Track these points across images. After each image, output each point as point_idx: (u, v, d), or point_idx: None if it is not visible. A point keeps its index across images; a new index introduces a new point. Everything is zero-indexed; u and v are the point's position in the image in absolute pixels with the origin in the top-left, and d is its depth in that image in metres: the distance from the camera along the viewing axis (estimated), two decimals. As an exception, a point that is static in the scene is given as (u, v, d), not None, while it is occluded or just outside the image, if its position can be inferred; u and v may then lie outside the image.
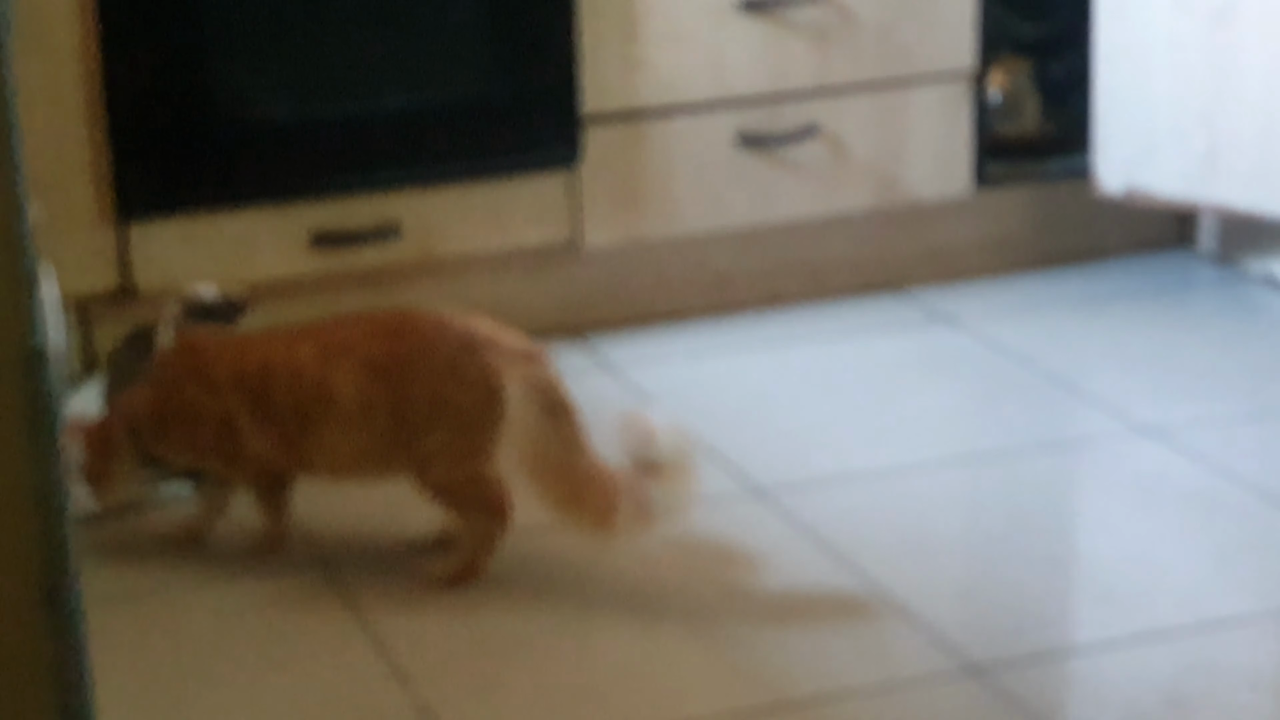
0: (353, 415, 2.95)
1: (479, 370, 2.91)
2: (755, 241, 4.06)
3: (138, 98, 3.56)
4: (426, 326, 2.97)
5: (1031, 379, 3.73)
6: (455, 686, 2.74)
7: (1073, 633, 2.90)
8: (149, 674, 2.80)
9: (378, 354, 2.95)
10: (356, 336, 2.98)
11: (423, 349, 2.94)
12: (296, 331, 3.06)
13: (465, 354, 2.92)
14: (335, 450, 2.98)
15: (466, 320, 2.98)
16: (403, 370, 2.94)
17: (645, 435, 2.89)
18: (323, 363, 2.96)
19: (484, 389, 2.91)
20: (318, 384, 2.95)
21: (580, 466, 2.91)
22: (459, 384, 2.92)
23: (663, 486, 2.88)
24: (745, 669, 2.77)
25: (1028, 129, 4.22)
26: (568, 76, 3.77)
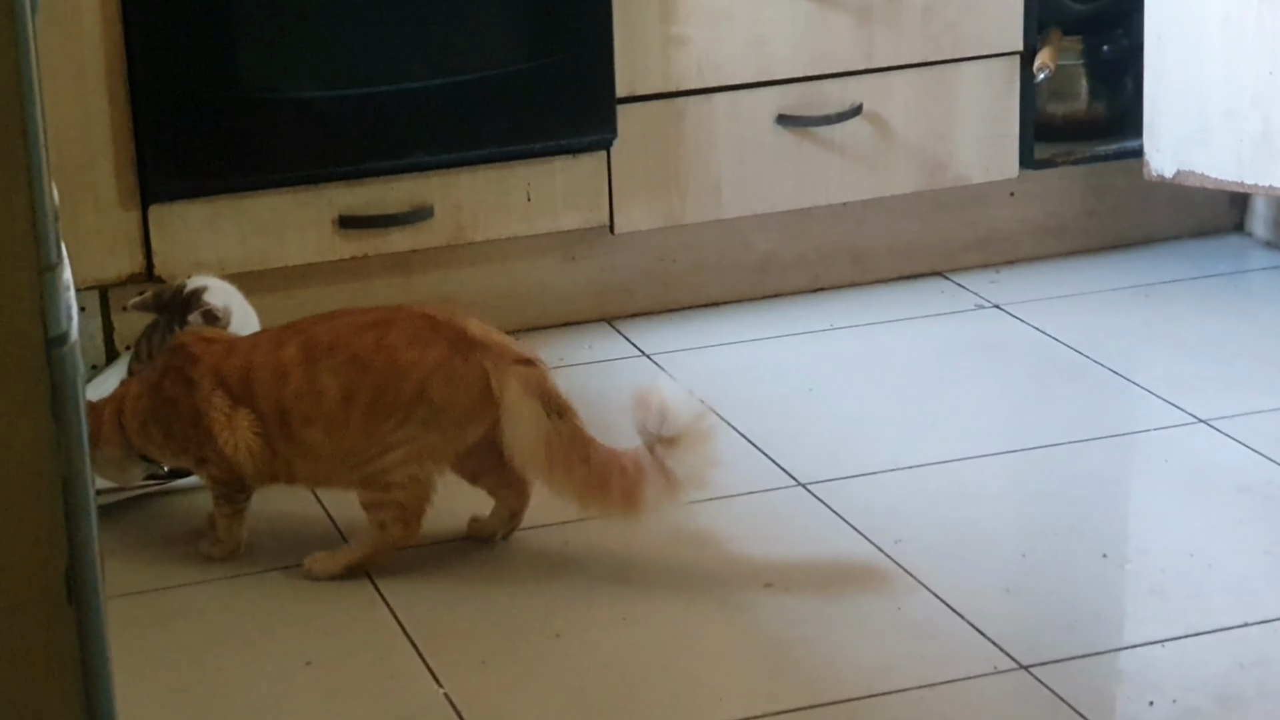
0: (336, 414, 2.94)
1: (470, 372, 2.91)
2: (797, 225, 4.01)
3: (161, 79, 3.53)
4: (415, 324, 2.95)
5: (1081, 368, 3.68)
6: (489, 680, 2.72)
7: (1123, 629, 2.86)
8: (179, 668, 2.79)
9: (364, 349, 2.94)
10: (341, 333, 2.97)
11: (414, 343, 2.93)
12: (284, 331, 3.04)
13: (458, 354, 2.92)
14: (318, 452, 2.96)
15: (458, 319, 2.97)
16: (390, 364, 2.92)
17: (660, 409, 2.87)
18: (309, 362, 2.95)
19: (475, 391, 2.91)
20: (305, 383, 2.94)
21: (595, 454, 2.91)
22: (447, 383, 2.91)
23: (682, 457, 2.87)
24: (786, 666, 2.74)
25: (1077, 110, 4.18)
26: (604, 56, 3.74)
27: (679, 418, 2.86)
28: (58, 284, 1.52)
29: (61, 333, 1.52)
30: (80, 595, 1.56)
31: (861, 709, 2.62)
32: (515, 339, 3.01)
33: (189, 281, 3.25)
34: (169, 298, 3.22)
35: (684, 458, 2.86)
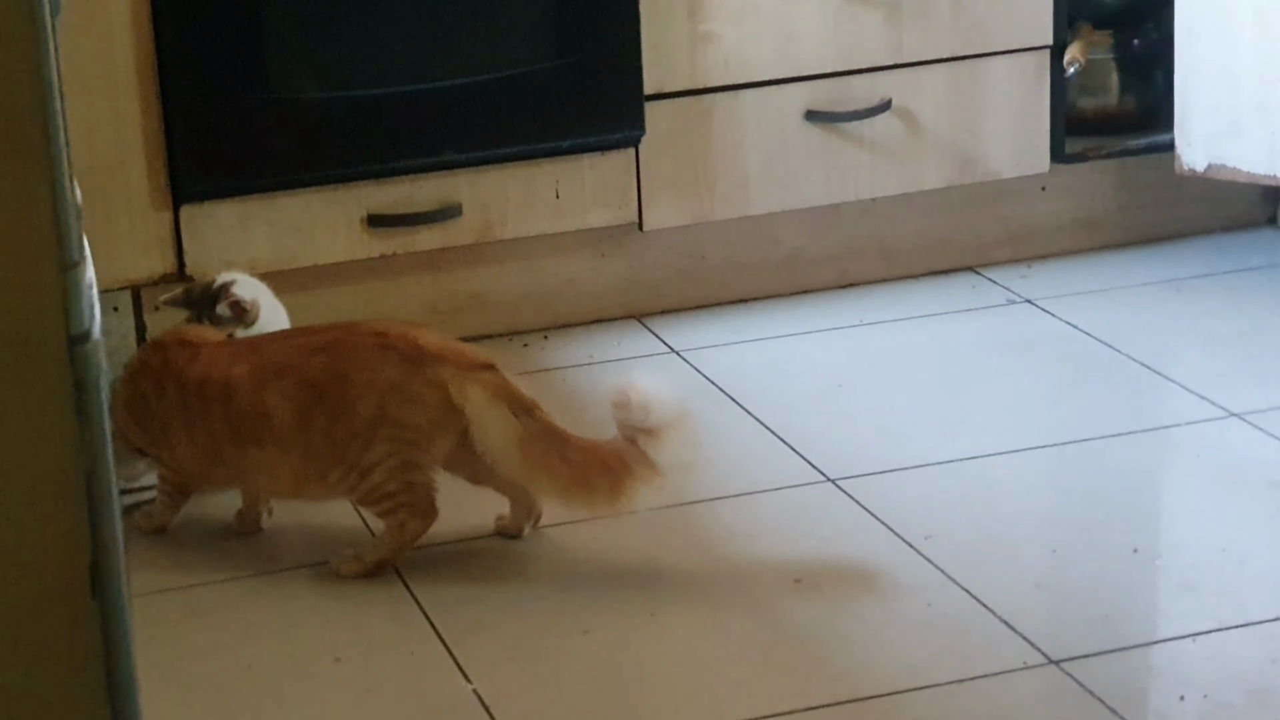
0: (288, 436, 2.95)
1: (427, 385, 2.91)
2: (826, 221, 4.00)
3: (192, 81, 3.54)
4: (367, 344, 2.96)
5: (1112, 362, 3.66)
6: (518, 676, 2.72)
7: (1154, 624, 2.85)
8: (209, 664, 2.79)
9: (314, 373, 2.94)
10: (293, 355, 2.98)
11: (364, 365, 2.94)
12: (243, 347, 3.06)
13: (411, 371, 2.92)
14: (273, 470, 2.98)
15: (412, 333, 2.98)
16: (338, 387, 2.93)
17: (641, 405, 2.87)
18: (258, 384, 2.96)
19: (435, 404, 2.91)
20: (252, 403, 2.95)
21: (573, 451, 2.90)
22: (405, 401, 2.92)
23: (664, 446, 2.87)
24: (816, 662, 2.73)
25: (1108, 104, 4.16)
26: (632, 53, 3.73)
27: (661, 410, 2.86)
28: (80, 282, 1.52)
29: (84, 330, 1.53)
30: (104, 590, 1.57)
31: (891, 705, 2.61)
32: (470, 346, 3.01)
33: (219, 277, 3.26)
34: (199, 294, 3.23)
35: (667, 445, 2.86)
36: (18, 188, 1.47)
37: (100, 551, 1.57)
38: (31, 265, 1.49)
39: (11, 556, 1.53)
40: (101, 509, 1.57)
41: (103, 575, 1.57)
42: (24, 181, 1.48)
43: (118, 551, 1.58)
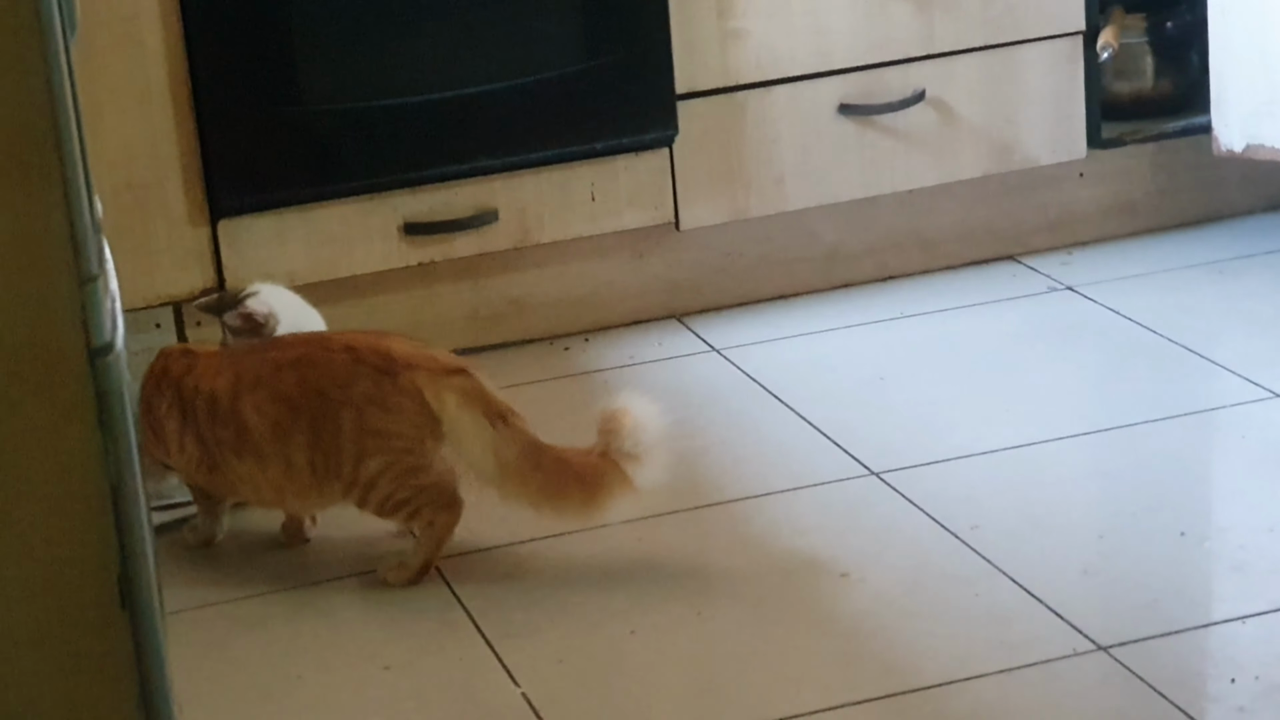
0: (266, 449, 2.96)
1: (401, 394, 2.92)
2: (864, 214, 3.99)
3: (225, 95, 3.55)
4: (338, 356, 2.96)
5: (1155, 346, 3.65)
6: (567, 679, 2.72)
7: (1203, 607, 2.84)
8: (259, 676, 2.80)
9: (286, 387, 2.96)
10: (266, 368, 2.99)
11: (336, 381, 2.94)
12: (226, 358, 3.08)
13: (386, 380, 2.93)
14: (254, 481, 3.00)
15: (382, 343, 2.98)
16: (315, 403, 2.94)
17: (633, 433, 2.88)
18: (234, 395, 2.98)
19: (413, 410, 2.92)
20: (229, 415, 2.98)
21: (547, 460, 2.91)
22: (384, 412, 2.92)
23: (645, 469, 2.89)
24: (864, 655, 2.73)
25: (1143, 88, 4.14)
26: (663, 53, 3.73)
27: (650, 436, 2.88)
28: (100, 295, 1.53)
29: (105, 343, 1.53)
30: (134, 601, 1.57)
31: (941, 696, 2.60)
32: (441, 351, 3.01)
33: (249, 288, 3.27)
34: (228, 302, 3.24)
35: (649, 468, 2.88)
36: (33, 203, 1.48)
37: (129, 563, 1.57)
38: (49, 279, 1.50)
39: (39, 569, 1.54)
40: (129, 520, 1.57)
41: (132, 586, 1.57)
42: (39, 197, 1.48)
43: (147, 562, 1.58)
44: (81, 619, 1.57)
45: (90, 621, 1.57)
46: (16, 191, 1.47)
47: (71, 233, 1.50)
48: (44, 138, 1.47)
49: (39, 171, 1.47)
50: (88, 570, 1.56)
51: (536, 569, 3.01)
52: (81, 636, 1.58)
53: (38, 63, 1.46)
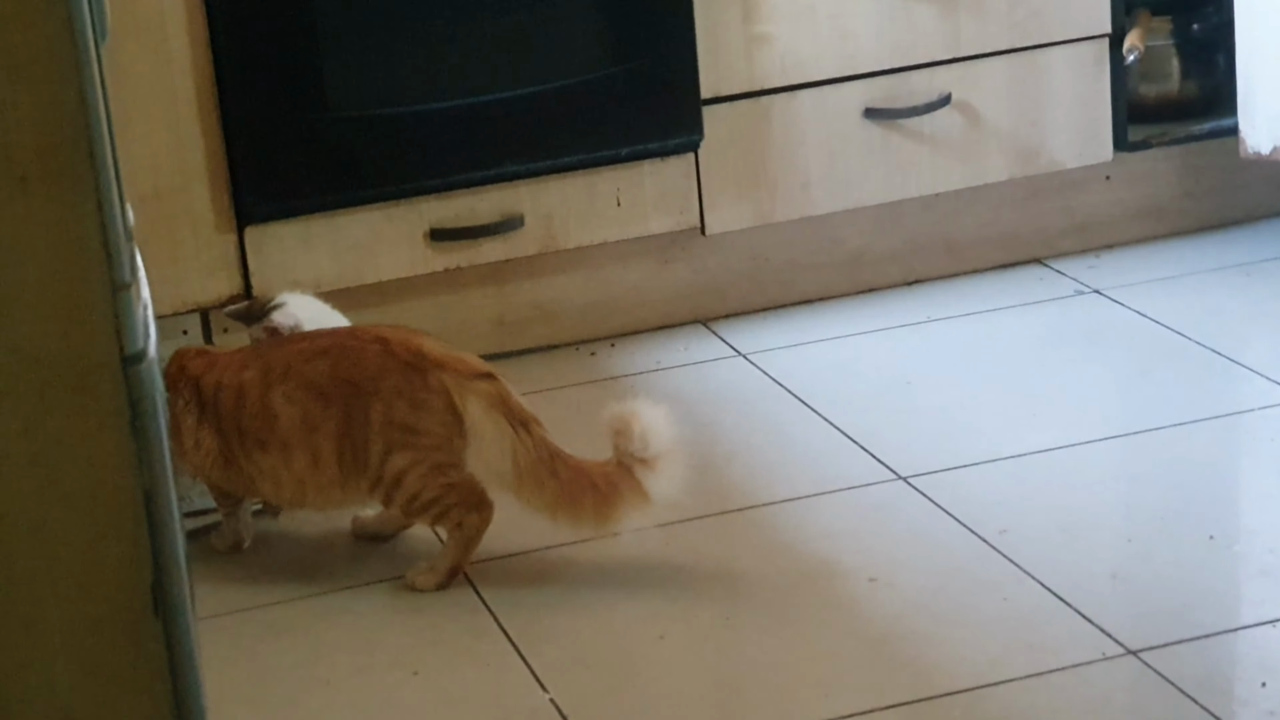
0: (293, 440, 2.97)
1: (430, 391, 2.92)
2: (889, 218, 3.98)
3: (251, 102, 3.55)
4: (370, 348, 2.97)
5: (1183, 350, 3.64)
6: (595, 684, 2.72)
7: (1233, 611, 2.83)
8: (288, 682, 2.80)
9: (317, 376, 2.96)
10: (296, 358, 3.00)
11: (367, 373, 2.95)
12: (251, 353, 3.09)
13: (415, 376, 2.93)
14: (276, 476, 3.00)
15: (414, 340, 2.99)
16: (346, 393, 2.94)
17: (641, 435, 2.88)
18: (265, 386, 2.98)
19: (441, 408, 2.92)
20: (260, 406, 2.98)
21: (565, 467, 2.91)
22: (413, 407, 2.93)
23: (658, 478, 2.89)
24: (893, 660, 2.72)
25: (1169, 91, 4.14)
26: (688, 58, 3.73)
27: (659, 440, 2.88)
28: (132, 303, 1.53)
29: (138, 350, 1.53)
30: (167, 607, 1.57)
31: (971, 701, 2.60)
32: (469, 354, 3.01)
33: (278, 297, 3.27)
34: (256, 311, 3.25)
35: (660, 478, 2.88)
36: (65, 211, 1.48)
37: (162, 570, 1.57)
38: (82, 287, 1.50)
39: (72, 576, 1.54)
40: (162, 528, 1.57)
41: (165, 594, 1.58)
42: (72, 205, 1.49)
43: (180, 570, 1.58)
44: (115, 626, 1.57)
45: (124, 628, 1.57)
46: (50, 200, 1.48)
47: (104, 241, 1.50)
48: (77, 146, 1.48)
49: (72, 180, 1.48)
50: (121, 577, 1.56)
51: (564, 574, 3.01)
52: (115, 643, 1.58)
53: (70, 71, 1.47)
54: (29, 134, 1.47)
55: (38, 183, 1.47)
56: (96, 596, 1.56)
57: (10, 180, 1.46)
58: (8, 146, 1.46)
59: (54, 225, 1.49)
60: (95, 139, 1.49)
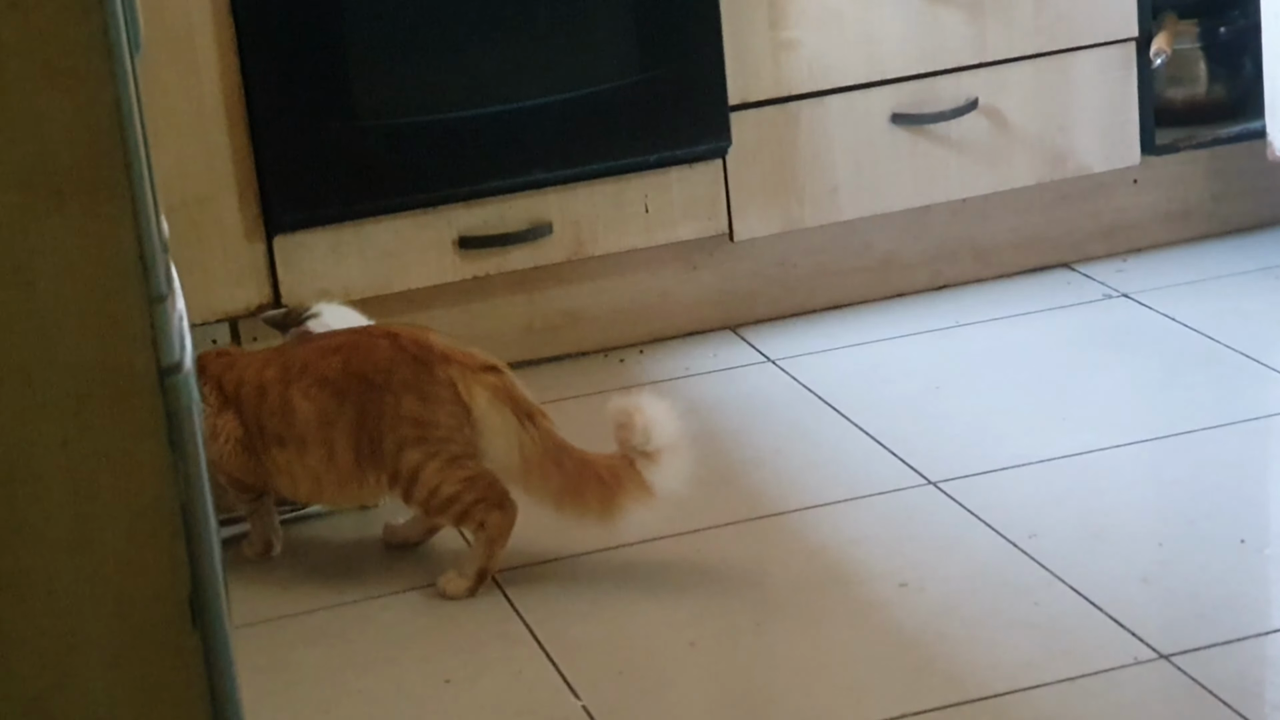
0: (309, 436, 2.99)
1: (438, 384, 2.94)
2: (917, 223, 3.98)
3: (279, 111, 3.56)
4: (380, 343, 3.00)
5: (1213, 353, 3.63)
6: (627, 692, 2.72)
7: (1264, 614, 2.82)
8: (320, 691, 2.80)
9: (331, 371, 2.99)
10: (312, 355, 3.03)
11: (377, 367, 2.97)
12: (272, 353, 3.12)
13: (423, 370, 2.96)
14: (292, 471, 3.02)
15: (421, 334, 3.01)
16: (359, 388, 2.97)
17: (644, 428, 2.89)
18: (285, 383, 3.01)
19: (450, 400, 2.94)
20: (279, 402, 3.00)
21: (570, 459, 2.93)
22: (421, 399, 2.95)
23: (662, 471, 2.89)
24: (925, 665, 2.72)
25: (1197, 94, 4.13)
26: (715, 64, 3.73)
27: (662, 434, 2.88)
28: (169, 314, 1.53)
29: (175, 362, 1.54)
30: (205, 620, 1.58)
31: (1002, 705, 2.59)
32: (478, 348, 3.03)
33: (312, 308, 3.28)
34: (292, 319, 3.26)
35: (664, 471, 2.88)
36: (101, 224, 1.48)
37: (200, 582, 1.58)
38: (119, 299, 1.51)
39: (110, 589, 1.55)
40: (199, 540, 1.58)
41: (203, 606, 1.58)
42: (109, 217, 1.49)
43: (217, 582, 1.59)
44: (153, 639, 1.57)
45: (162, 642, 1.58)
46: (87, 213, 1.48)
47: (141, 253, 1.51)
48: (113, 158, 1.48)
49: (109, 193, 1.48)
50: (160, 590, 1.57)
51: (595, 581, 3.01)
52: (153, 656, 1.58)
53: (106, 83, 1.47)
54: (66, 147, 1.47)
55: (74, 196, 1.48)
56: (134, 609, 1.56)
57: (48, 194, 1.47)
58: (45, 160, 1.47)
59: (91, 238, 1.49)
60: (132, 152, 1.50)
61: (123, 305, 1.51)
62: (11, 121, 1.48)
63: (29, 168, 1.48)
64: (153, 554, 1.57)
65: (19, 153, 1.48)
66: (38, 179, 1.48)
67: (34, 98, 1.48)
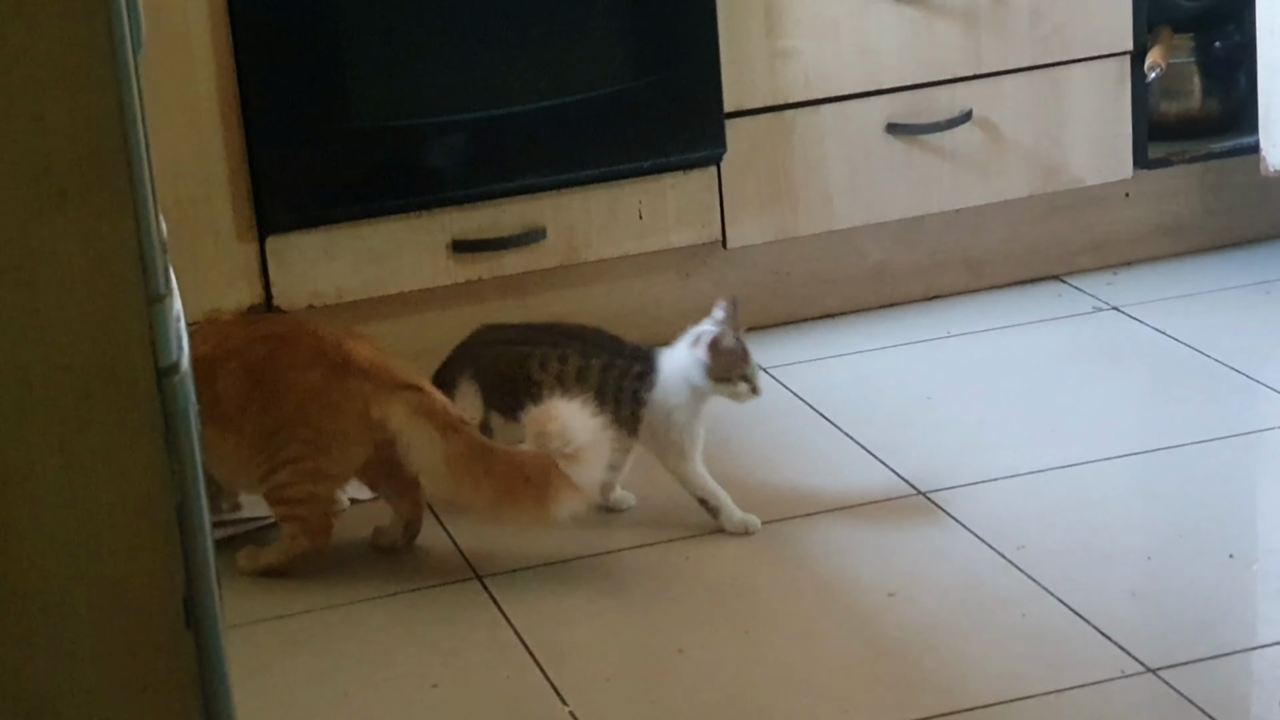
0: (228, 419, 3.03)
1: (346, 396, 2.98)
2: (910, 233, 3.98)
3: (274, 112, 3.55)
4: (305, 343, 3.03)
5: (1202, 367, 3.63)
6: (614, 698, 2.72)
7: (1252, 629, 2.82)
8: (306, 694, 2.80)
9: (255, 359, 3.03)
10: (243, 340, 3.06)
11: (295, 364, 3.01)
12: (214, 330, 3.13)
13: (336, 379, 2.99)
14: (218, 451, 3.04)
15: (345, 343, 3.03)
16: (272, 380, 3.01)
17: (561, 434, 2.92)
18: (213, 365, 3.04)
19: (352, 416, 2.98)
20: (208, 381, 3.00)
21: (500, 464, 2.95)
22: (323, 406, 2.99)
23: (583, 469, 2.93)
24: (912, 675, 2.72)
25: (1190, 108, 4.13)
26: (711, 72, 3.73)
27: (579, 434, 2.92)
28: (167, 315, 1.53)
29: (172, 363, 1.54)
30: (199, 620, 1.58)
31: (989, 716, 2.59)
32: (401, 364, 3.05)
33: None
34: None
35: (587, 468, 2.92)
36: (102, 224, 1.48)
37: (194, 583, 1.58)
38: (118, 299, 1.51)
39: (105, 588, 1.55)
40: (194, 540, 1.58)
41: (197, 606, 1.58)
42: (110, 217, 1.49)
43: (211, 582, 1.59)
44: (148, 639, 1.58)
45: (157, 641, 1.58)
46: (88, 212, 1.48)
47: (140, 253, 1.51)
48: (115, 157, 1.48)
49: (110, 192, 1.48)
50: (154, 590, 1.57)
51: (584, 587, 3.01)
52: (147, 656, 1.58)
53: (109, 82, 1.47)
54: (68, 146, 1.47)
55: (76, 195, 1.48)
56: (129, 609, 1.56)
57: (50, 193, 1.47)
58: (47, 158, 1.47)
59: (91, 237, 1.49)
60: (133, 151, 1.50)
61: (122, 305, 1.51)
62: (15, 120, 1.48)
63: (32, 166, 1.48)
64: (148, 554, 1.57)
65: (22, 151, 1.48)
66: (41, 178, 1.48)
67: (38, 97, 1.48)
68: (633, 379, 3.13)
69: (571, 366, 3.14)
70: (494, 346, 3.22)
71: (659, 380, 3.13)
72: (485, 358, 3.21)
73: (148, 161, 1.52)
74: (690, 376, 3.11)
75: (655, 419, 3.11)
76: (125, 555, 1.56)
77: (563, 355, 3.15)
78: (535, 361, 3.15)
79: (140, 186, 1.51)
